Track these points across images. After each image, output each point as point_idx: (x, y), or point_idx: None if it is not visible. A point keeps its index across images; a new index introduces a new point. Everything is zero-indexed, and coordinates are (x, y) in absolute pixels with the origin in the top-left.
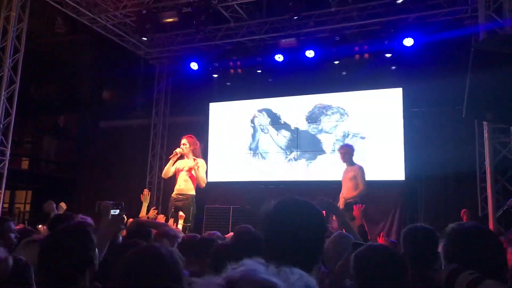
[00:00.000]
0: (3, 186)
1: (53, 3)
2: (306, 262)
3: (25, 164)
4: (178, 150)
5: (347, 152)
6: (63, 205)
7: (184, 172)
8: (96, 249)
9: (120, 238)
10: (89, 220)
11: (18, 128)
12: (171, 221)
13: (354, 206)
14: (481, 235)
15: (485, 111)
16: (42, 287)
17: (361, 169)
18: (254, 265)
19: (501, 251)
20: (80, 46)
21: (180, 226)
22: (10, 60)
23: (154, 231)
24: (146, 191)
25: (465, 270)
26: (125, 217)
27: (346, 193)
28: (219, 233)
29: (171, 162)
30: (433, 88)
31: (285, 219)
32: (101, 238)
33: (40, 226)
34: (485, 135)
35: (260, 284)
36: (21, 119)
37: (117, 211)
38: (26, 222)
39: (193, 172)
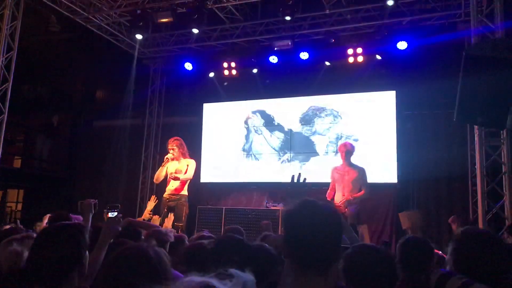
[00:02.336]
0: None
1: (48, 2)
2: (321, 263)
3: (17, 163)
4: (169, 156)
5: (349, 151)
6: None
7: (175, 174)
8: (87, 251)
9: None
10: (81, 219)
11: (10, 126)
12: (166, 221)
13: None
14: (488, 241)
15: (476, 114)
16: (30, 283)
17: (364, 172)
18: (190, 276)
19: (506, 257)
20: (74, 45)
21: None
22: (3, 58)
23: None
24: (153, 197)
25: (454, 274)
26: (121, 219)
27: (348, 194)
28: (207, 232)
29: (161, 168)
30: (426, 91)
31: (305, 220)
32: (100, 241)
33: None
34: (476, 138)
35: (201, 285)
36: (13, 117)
37: (115, 213)
38: (18, 221)
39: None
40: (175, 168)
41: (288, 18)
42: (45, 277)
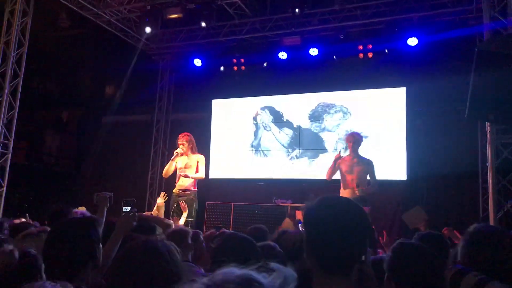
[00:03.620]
0: (6, 179)
1: None
2: (346, 262)
3: (27, 158)
4: (178, 150)
5: (356, 141)
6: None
7: (184, 169)
8: (100, 244)
9: None
10: (87, 213)
11: (20, 122)
12: (180, 219)
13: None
14: (498, 237)
15: (488, 111)
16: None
17: (373, 164)
18: (230, 268)
19: None
20: (84, 40)
21: (182, 220)
22: (14, 54)
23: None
24: (163, 193)
25: (470, 271)
26: (136, 213)
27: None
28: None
29: (171, 162)
30: (437, 88)
31: (328, 217)
32: (114, 235)
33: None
34: (488, 136)
35: (241, 278)
36: (23, 113)
37: (129, 208)
38: (27, 215)
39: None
40: (184, 164)
41: (296, 9)
42: (59, 272)
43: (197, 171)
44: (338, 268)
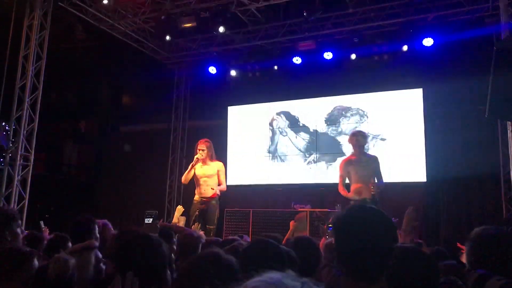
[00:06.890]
0: (27, 191)
1: (74, 11)
2: (373, 269)
3: (46, 169)
4: (199, 156)
5: (363, 142)
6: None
7: (205, 177)
8: None
9: None
10: (109, 225)
11: (40, 133)
12: (196, 225)
13: None
14: (504, 239)
15: (509, 110)
16: None
17: (378, 160)
18: (271, 274)
19: None
20: (100, 52)
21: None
22: (33, 67)
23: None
24: (181, 207)
25: (493, 275)
26: (158, 225)
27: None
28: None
29: (190, 168)
30: (454, 88)
31: (357, 226)
32: None
33: None
34: (509, 135)
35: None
36: (43, 125)
37: (151, 220)
38: (42, 222)
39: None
40: (204, 172)
41: (310, 17)
42: None
43: (219, 182)
44: (365, 275)
